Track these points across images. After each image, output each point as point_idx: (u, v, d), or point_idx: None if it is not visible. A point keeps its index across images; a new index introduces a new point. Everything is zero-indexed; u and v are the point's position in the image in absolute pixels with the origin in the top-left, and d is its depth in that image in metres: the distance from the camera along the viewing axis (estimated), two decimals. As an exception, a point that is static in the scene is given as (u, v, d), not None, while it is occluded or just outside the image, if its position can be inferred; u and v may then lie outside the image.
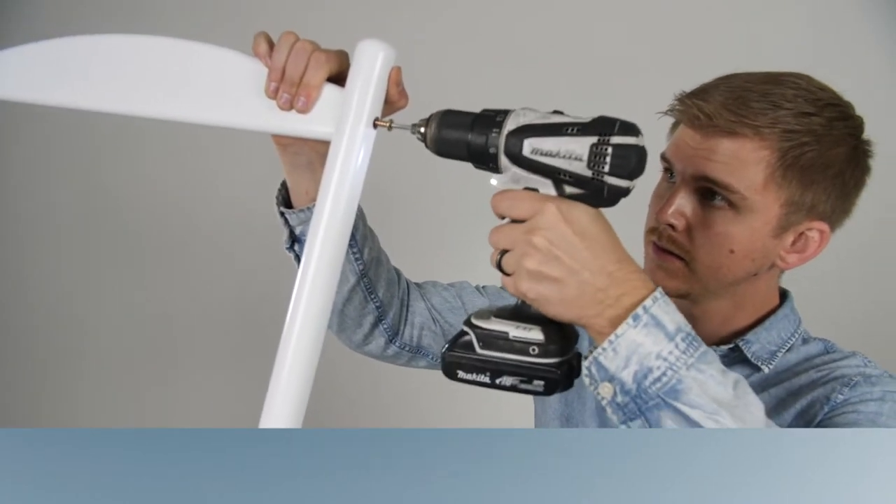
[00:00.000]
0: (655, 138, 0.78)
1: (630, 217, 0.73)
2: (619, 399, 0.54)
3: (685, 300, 0.76)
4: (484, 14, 1.71)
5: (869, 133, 0.79)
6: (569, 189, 0.56)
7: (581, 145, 0.53)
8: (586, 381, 0.55)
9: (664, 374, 0.52)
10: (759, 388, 0.76)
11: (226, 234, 1.89)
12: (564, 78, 1.65)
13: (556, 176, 0.55)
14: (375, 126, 0.62)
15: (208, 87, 0.64)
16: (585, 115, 0.55)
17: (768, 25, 1.57)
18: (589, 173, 0.53)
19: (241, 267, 1.89)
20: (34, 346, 2.03)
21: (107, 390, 2.02)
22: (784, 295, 0.82)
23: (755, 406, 0.53)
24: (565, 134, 0.54)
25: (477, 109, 0.59)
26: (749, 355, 0.77)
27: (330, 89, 0.63)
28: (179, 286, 1.95)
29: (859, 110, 0.78)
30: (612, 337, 0.53)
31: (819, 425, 0.70)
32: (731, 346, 0.77)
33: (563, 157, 0.54)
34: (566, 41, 1.66)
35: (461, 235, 1.31)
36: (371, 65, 0.61)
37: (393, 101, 0.64)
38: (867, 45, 1.51)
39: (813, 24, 1.55)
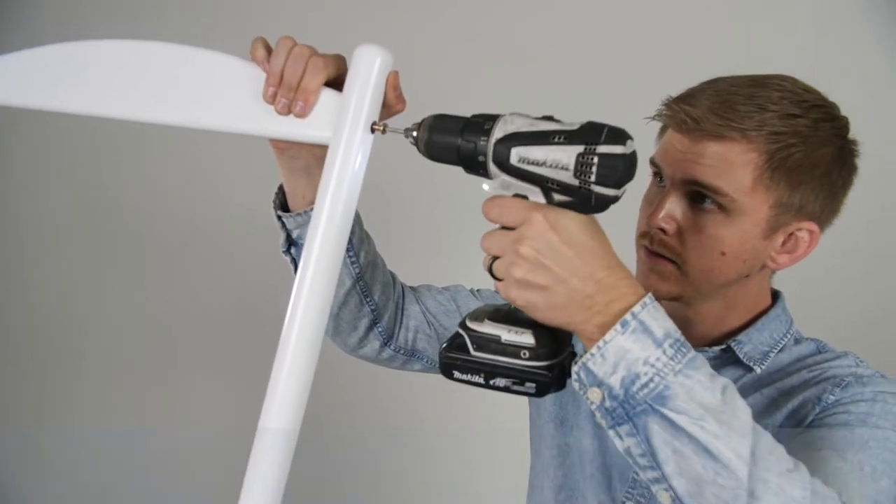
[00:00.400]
0: (647, 141, 0.78)
1: (623, 220, 0.74)
2: (608, 404, 0.54)
3: (678, 302, 0.77)
4: (484, 14, 1.71)
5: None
6: (557, 196, 0.56)
7: (567, 155, 0.53)
8: (575, 385, 0.56)
9: (651, 380, 0.53)
10: (752, 389, 0.77)
11: (226, 234, 1.89)
12: (564, 78, 1.65)
13: (544, 184, 0.55)
14: (372, 131, 0.62)
15: (206, 91, 0.64)
16: (576, 119, 0.55)
17: (768, 25, 1.57)
18: (576, 182, 0.53)
19: (241, 268, 1.89)
20: (34, 346, 2.04)
21: (107, 390, 2.02)
22: (776, 296, 0.83)
23: (742, 411, 0.53)
24: (552, 143, 0.54)
25: (477, 110, 0.59)
26: (741, 356, 0.77)
27: (328, 94, 0.63)
28: (179, 287, 1.95)
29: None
30: (600, 343, 0.54)
31: (810, 426, 0.70)
32: (723, 346, 0.78)
33: (550, 166, 0.54)
34: (566, 41, 1.66)
35: (457, 239, 1.31)
36: (368, 69, 0.61)
37: (391, 106, 0.64)
38: (867, 45, 1.51)
39: (813, 24, 1.55)
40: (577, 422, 0.86)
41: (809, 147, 0.71)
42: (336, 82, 0.63)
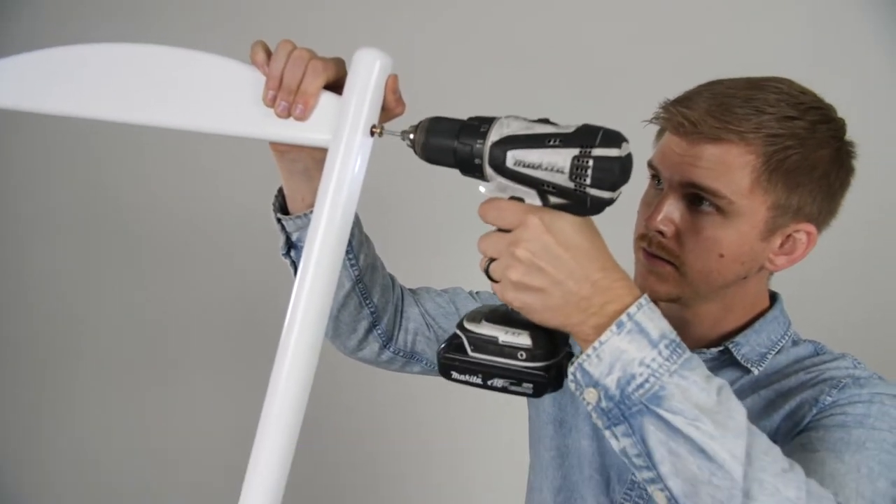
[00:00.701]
0: (646, 142, 0.79)
1: (621, 221, 0.74)
2: (604, 405, 0.54)
3: (676, 304, 0.77)
4: (484, 14, 1.71)
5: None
6: (553, 199, 0.56)
7: (563, 158, 0.53)
8: (572, 386, 0.56)
9: (647, 380, 0.53)
10: (749, 391, 0.77)
11: (226, 235, 1.89)
12: (564, 78, 1.65)
13: (540, 187, 0.55)
14: (372, 134, 0.62)
15: (206, 95, 0.65)
16: (573, 122, 0.56)
17: (768, 25, 1.57)
18: (571, 185, 0.54)
19: (242, 269, 1.90)
20: (34, 347, 2.04)
21: (106, 391, 2.02)
22: (774, 297, 0.83)
23: (737, 412, 0.54)
24: (547, 146, 0.54)
25: (477, 111, 0.59)
26: (739, 357, 0.78)
27: (327, 97, 0.64)
28: (179, 287, 1.95)
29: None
30: (595, 344, 0.54)
31: (807, 427, 0.70)
32: (720, 348, 0.78)
33: (546, 169, 0.54)
34: (566, 41, 1.66)
35: (456, 241, 1.32)
36: (368, 73, 0.62)
37: (390, 109, 0.64)
38: (867, 45, 1.51)
39: (813, 24, 1.55)
40: (576, 423, 0.86)
41: (807, 149, 0.72)
42: (336, 85, 0.64)
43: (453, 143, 0.57)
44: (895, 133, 1.48)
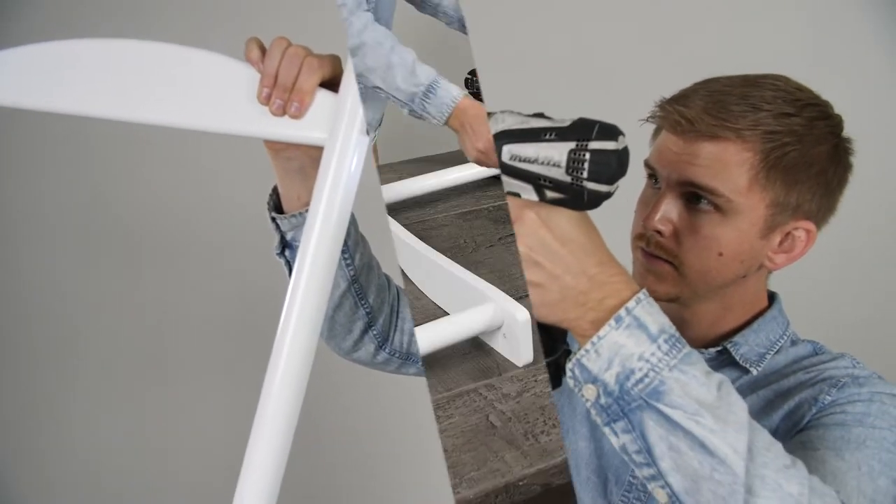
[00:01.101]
0: (644, 142, 0.78)
1: (620, 220, 0.73)
2: (603, 401, 0.54)
3: (674, 304, 0.77)
4: (484, 14, 1.70)
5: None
6: (550, 194, 0.55)
7: (559, 151, 0.53)
8: (570, 383, 0.56)
9: (646, 375, 0.52)
10: (748, 391, 0.77)
11: (225, 235, 1.88)
12: (564, 78, 1.65)
13: (536, 181, 0.55)
14: (368, 132, 0.62)
15: (200, 92, 0.64)
16: (568, 117, 0.55)
17: (768, 25, 1.56)
18: (568, 179, 0.53)
19: (241, 269, 1.89)
20: (33, 346, 2.04)
21: (106, 391, 2.02)
22: (772, 297, 0.83)
23: (738, 406, 0.53)
24: (543, 140, 0.54)
25: None
26: (737, 358, 0.77)
27: (323, 95, 0.63)
28: (178, 287, 1.95)
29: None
30: (594, 339, 0.54)
31: (807, 426, 0.70)
32: (719, 348, 0.78)
33: (542, 163, 0.54)
34: (566, 41, 1.66)
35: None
36: (364, 70, 0.61)
37: None
38: (867, 45, 1.51)
39: (813, 24, 1.54)
40: (573, 425, 0.86)
41: (805, 146, 0.71)
42: (331, 83, 0.63)
43: None
44: (895, 133, 1.48)
